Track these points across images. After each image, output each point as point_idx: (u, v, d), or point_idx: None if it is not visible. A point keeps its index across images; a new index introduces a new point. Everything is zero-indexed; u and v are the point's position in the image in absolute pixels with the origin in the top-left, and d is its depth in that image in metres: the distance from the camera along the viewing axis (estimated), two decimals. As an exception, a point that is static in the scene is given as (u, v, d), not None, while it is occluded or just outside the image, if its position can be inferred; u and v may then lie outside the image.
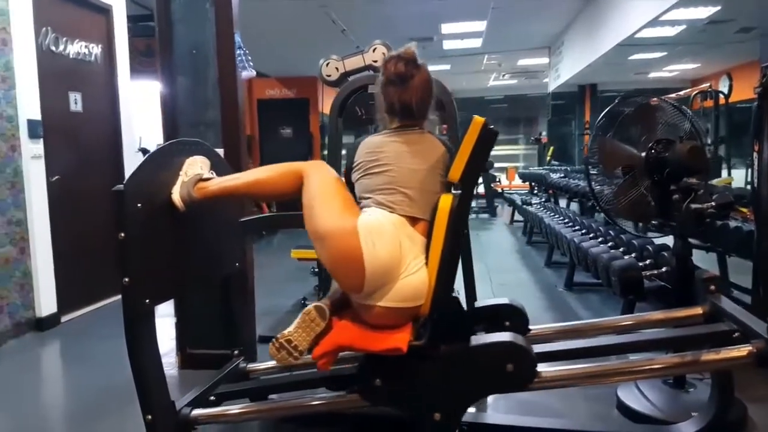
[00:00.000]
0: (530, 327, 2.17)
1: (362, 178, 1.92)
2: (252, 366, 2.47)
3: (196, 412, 2.03)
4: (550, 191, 7.09)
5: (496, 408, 2.59)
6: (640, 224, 3.09)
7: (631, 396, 2.54)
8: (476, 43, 8.51)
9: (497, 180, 11.97)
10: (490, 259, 6.25)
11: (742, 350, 1.64)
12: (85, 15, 4.39)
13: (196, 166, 2.10)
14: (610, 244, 3.74)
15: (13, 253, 3.68)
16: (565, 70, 8.68)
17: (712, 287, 2.02)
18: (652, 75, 11.69)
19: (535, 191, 8.67)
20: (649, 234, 3.33)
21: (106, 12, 4.57)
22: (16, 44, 3.67)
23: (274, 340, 1.79)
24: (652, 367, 1.76)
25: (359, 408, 2.09)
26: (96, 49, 4.49)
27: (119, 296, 1.95)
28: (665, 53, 9.21)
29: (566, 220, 4.98)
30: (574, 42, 8.10)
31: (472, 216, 10.52)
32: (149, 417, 1.87)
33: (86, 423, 2.63)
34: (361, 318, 1.80)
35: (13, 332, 3.63)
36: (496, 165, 14.25)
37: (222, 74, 2.95)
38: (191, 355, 3.16)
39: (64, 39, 4.15)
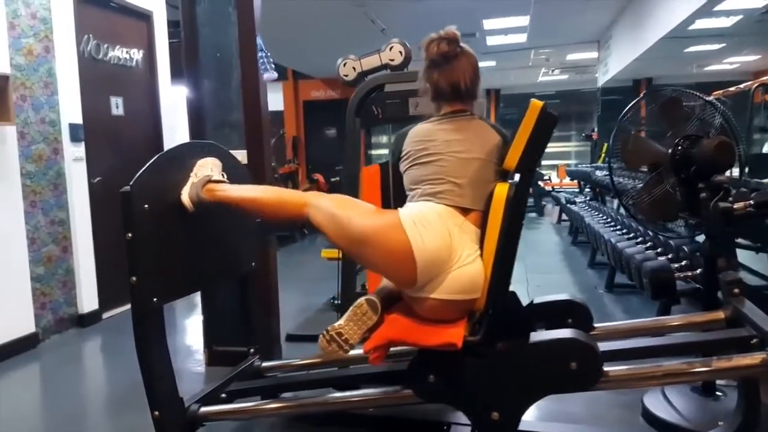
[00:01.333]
0: (596, 325, 2.08)
1: (410, 169, 1.86)
2: (267, 364, 2.48)
3: (205, 409, 2.05)
4: (597, 190, 6.87)
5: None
6: (675, 224, 2.95)
7: (656, 403, 2.42)
8: (521, 38, 8.34)
9: (547, 178, 11.71)
10: (531, 259, 6.12)
11: (756, 358, 1.54)
12: (127, 22, 4.55)
13: (206, 167, 2.12)
14: (648, 244, 3.59)
15: (56, 251, 3.85)
16: (614, 64, 8.39)
17: (736, 290, 1.90)
18: (712, 68, 11.15)
19: (583, 190, 8.43)
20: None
21: (146, 18, 4.72)
22: (58, 51, 3.84)
23: (324, 332, 1.75)
24: (649, 375, 1.66)
25: (379, 407, 2.08)
26: (137, 55, 4.64)
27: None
28: (723, 45, 8.77)
29: (608, 220, 4.81)
30: (622, 35, 7.83)
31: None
32: (156, 413, 1.90)
33: (120, 413, 2.75)
34: (414, 312, 1.75)
35: (55, 328, 3.80)
36: (547, 162, 14.00)
37: (245, 77, 2.99)
38: (218, 353, 3.21)
39: (106, 45, 4.31)
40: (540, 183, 10.58)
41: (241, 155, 3.04)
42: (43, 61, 3.76)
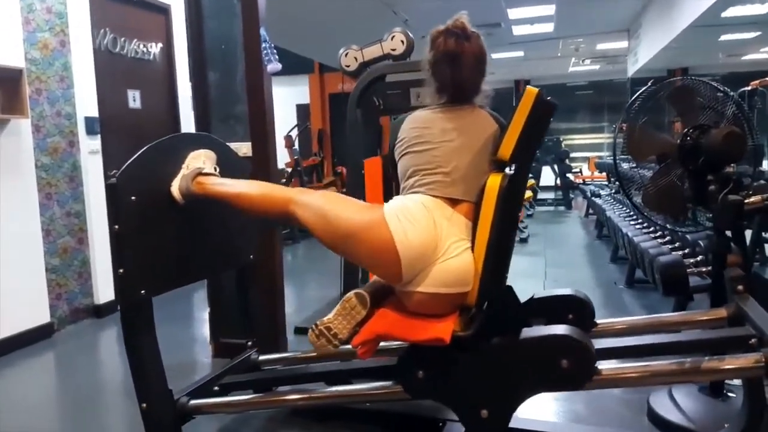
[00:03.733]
0: (598, 321, 2.02)
1: (404, 156, 1.82)
2: (264, 357, 2.48)
3: (195, 401, 2.05)
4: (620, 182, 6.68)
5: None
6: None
7: (662, 404, 2.34)
8: (548, 27, 8.15)
9: (578, 170, 11.47)
10: (553, 253, 6.01)
11: (750, 359, 1.45)
12: (144, 15, 4.59)
13: (199, 159, 2.11)
14: (666, 239, 3.48)
15: (72, 243, 3.92)
16: (643, 53, 8.13)
17: (740, 287, 1.81)
18: (749, 57, 10.72)
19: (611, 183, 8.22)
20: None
21: (164, 11, 4.76)
22: (74, 45, 3.90)
23: (313, 326, 1.74)
24: (640, 374, 1.59)
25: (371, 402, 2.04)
26: (155, 48, 4.69)
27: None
28: (758, 33, 8.41)
29: (631, 214, 4.68)
30: (652, 23, 7.58)
31: (547, 208, 10.17)
32: (144, 405, 1.91)
33: (134, 401, 2.74)
34: (403, 306, 1.72)
35: (71, 318, 3.88)
36: (578, 154, 13.71)
37: (248, 68, 2.97)
38: (224, 345, 3.22)
39: (123, 39, 4.36)
40: (569, 175, 10.37)
41: (246, 147, 3.05)
42: (59, 55, 3.81)
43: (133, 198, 1.87)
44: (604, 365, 1.60)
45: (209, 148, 2.18)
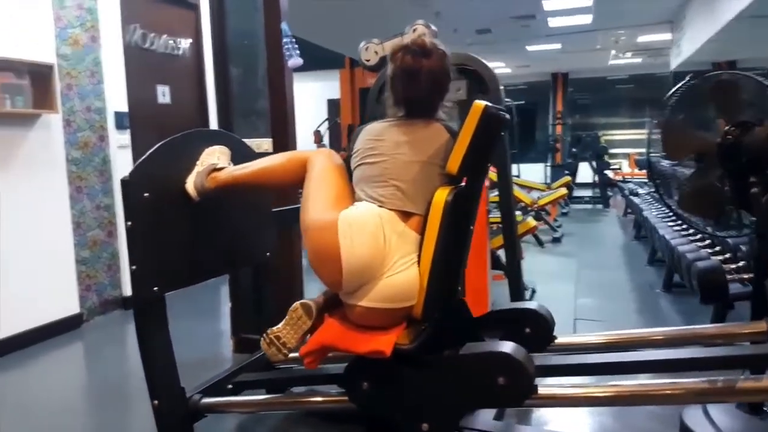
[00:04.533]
0: (557, 336, 1.96)
1: (358, 167, 1.81)
2: (279, 356, 2.44)
3: (207, 400, 2.03)
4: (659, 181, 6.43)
5: (539, 421, 2.37)
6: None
7: (697, 420, 2.19)
8: (586, 19, 7.88)
9: (617, 167, 11.15)
10: (587, 254, 5.83)
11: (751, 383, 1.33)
12: (174, 11, 4.61)
13: (213, 155, 2.09)
14: (706, 242, 3.30)
15: (101, 236, 3.97)
16: (687, 46, 7.80)
17: (781, 299, 1.68)
18: (805, 48, 10.21)
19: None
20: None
21: (194, 7, 4.77)
22: (104, 41, 3.93)
23: (264, 335, 1.77)
24: (665, 392, 1.49)
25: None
26: (184, 44, 4.70)
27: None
28: (815, 22, 7.97)
29: (670, 214, 4.47)
30: (697, 14, 7.26)
31: (583, 206, 9.92)
32: (155, 402, 1.90)
33: None
34: (348, 317, 1.72)
35: (100, 309, 3.93)
36: (618, 150, 13.33)
37: (270, 64, 2.94)
38: (245, 340, 3.20)
39: (153, 35, 4.38)
40: (607, 172, 10.08)
41: (267, 144, 3.01)
42: (90, 51, 3.85)
43: (146, 195, 1.86)
44: (546, 384, 1.60)
45: (223, 144, 2.16)
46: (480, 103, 1.59)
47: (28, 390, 2.90)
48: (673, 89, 2.26)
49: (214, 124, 4.85)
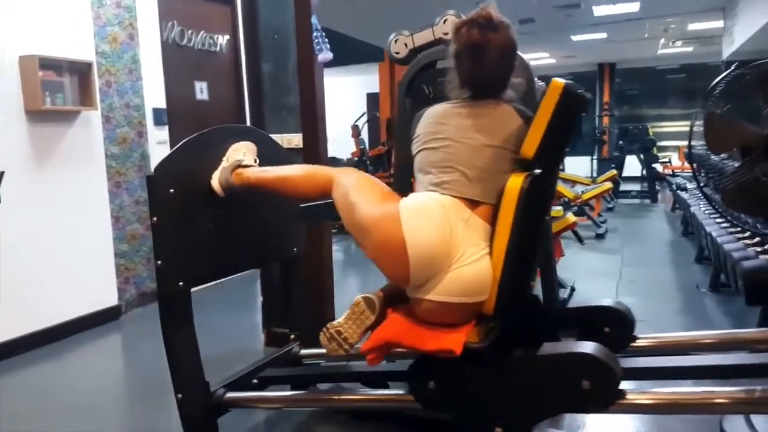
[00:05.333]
0: (638, 336, 1.88)
1: (420, 153, 1.73)
2: (306, 351, 2.44)
3: (231, 394, 2.03)
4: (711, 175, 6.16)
5: (571, 426, 2.29)
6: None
7: (738, 429, 2.08)
8: (632, 7, 7.60)
9: (667, 161, 10.76)
10: (632, 251, 5.64)
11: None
12: (211, 8, 4.66)
13: (239, 152, 2.09)
14: (755, 240, 3.13)
15: (140, 230, 4.05)
16: (739, 34, 7.42)
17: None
18: None
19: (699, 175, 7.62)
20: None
21: (230, 3, 4.81)
22: (142, 38, 4.00)
23: (324, 329, 1.72)
24: (680, 401, 1.40)
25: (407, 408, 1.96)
26: (221, 40, 4.75)
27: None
28: None
29: (719, 210, 4.27)
30: (749, 1, 6.91)
31: (630, 201, 9.63)
32: (180, 396, 1.92)
33: None
34: (415, 313, 1.64)
35: (138, 301, 4.02)
36: (668, 143, 12.87)
37: (300, 58, 2.92)
38: (276, 334, 3.22)
39: (190, 31, 4.44)
40: (655, 166, 9.74)
41: (297, 139, 3.01)
42: (128, 48, 3.92)
43: (171, 191, 1.87)
44: (633, 388, 1.48)
45: (250, 140, 2.16)
46: (559, 81, 1.49)
47: (66, 380, 2.99)
48: (718, 78, 2.14)
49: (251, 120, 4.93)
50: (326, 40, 2.88)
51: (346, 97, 11.50)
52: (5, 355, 3.14)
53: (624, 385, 1.50)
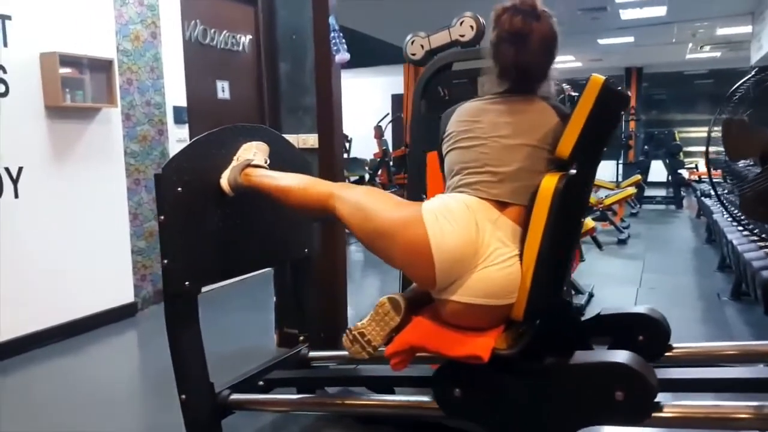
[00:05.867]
0: (674, 345, 1.82)
1: (451, 152, 1.68)
2: (315, 354, 2.42)
3: (236, 396, 2.03)
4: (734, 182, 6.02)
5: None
6: None
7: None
8: (659, 11, 7.48)
9: (693, 166, 10.55)
10: (654, 257, 5.54)
11: None
12: (234, 7, 4.69)
13: (249, 151, 2.09)
14: (779, 249, 3.05)
15: (157, 227, 4.07)
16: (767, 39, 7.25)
17: None
18: None
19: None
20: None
21: (253, 2, 4.82)
22: (164, 37, 4.04)
23: (347, 331, 1.69)
24: (715, 415, 1.35)
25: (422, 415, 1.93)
26: (244, 39, 4.78)
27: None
28: None
29: (742, 217, 4.17)
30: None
31: (655, 207, 9.46)
32: (183, 396, 1.91)
33: None
34: (441, 316, 1.60)
35: (154, 299, 4.05)
36: (696, 149, 12.61)
37: (317, 59, 2.92)
38: (288, 335, 3.22)
39: (213, 30, 4.48)
40: (681, 171, 9.55)
41: (312, 139, 3.01)
42: (150, 47, 3.97)
43: (179, 189, 1.86)
44: (670, 401, 1.40)
45: (262, 140, 2.16)
46: (598, 78, 1.43)
47: (83, 373, 3.04)
48: (737, 84, 2.08)
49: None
50: (344, 40, 2.87)
51: (372, 98, 11.52)
52: (23, 349, 3.19)
53: (661, 397, 1.44)
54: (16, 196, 3.14)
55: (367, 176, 8.89)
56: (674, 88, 13.97)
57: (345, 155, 10.04)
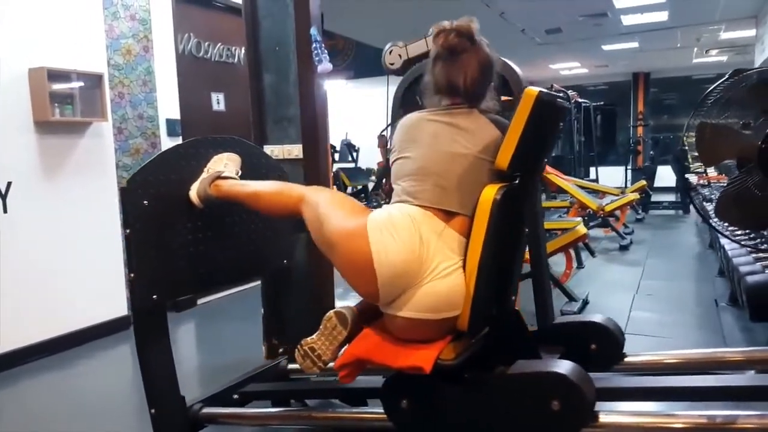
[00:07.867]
0: (627, 353, 1.83)
1: (396, 162, 1.70)
2: (294, 366, 2.41)
3: (209, 410, 2.02)
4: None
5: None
6: None
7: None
8: (661, 16, 7.43)
9: (702, 171, 10.41)
10: (654, 263, 5.48)
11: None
12: (228, 19, 4.72)
13: (220, 163, 2.09)
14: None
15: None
16: (772, 41, 7.18)
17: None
18: None
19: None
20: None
21: (247, 15, 4.86)
22: (156, 50, 4.09)
23: (299, 346, 1.70)
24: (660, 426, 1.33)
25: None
26: (239, 51, 4.81)
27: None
28: None
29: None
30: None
31: (662, 212, 9.36)
32: (153, 411, 1.90)
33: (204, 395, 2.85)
34: (389, 329, 1.60)
35: (148, 310, 4.06)
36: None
37: (301, 70, 2.93)
38: (275, 346, 3.21)
39: (207, 43, 4.52)
40: (688, 176, 9.43)
41: (297, 150, 3.01)
42: (142, 60, 4.01)
43: (145, 202, 1.86)
44: (611, 409, 1.42)
45: (234, 151, 2.16)
46: (533, 90, 1.46)
47: (74, 388, 3.04)
48: (711, 87, 2.05)
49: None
50: (325, 51, 2.89)
51: (375, 107, 11.51)
52: (16, 363, 3.21)
53: (604, 406, 1.44)
54: (5, 211, 3.17)
55: (371, 185, 8.90)
56: (683, 93, 13.84)
57: (352, 164, 10.06)
